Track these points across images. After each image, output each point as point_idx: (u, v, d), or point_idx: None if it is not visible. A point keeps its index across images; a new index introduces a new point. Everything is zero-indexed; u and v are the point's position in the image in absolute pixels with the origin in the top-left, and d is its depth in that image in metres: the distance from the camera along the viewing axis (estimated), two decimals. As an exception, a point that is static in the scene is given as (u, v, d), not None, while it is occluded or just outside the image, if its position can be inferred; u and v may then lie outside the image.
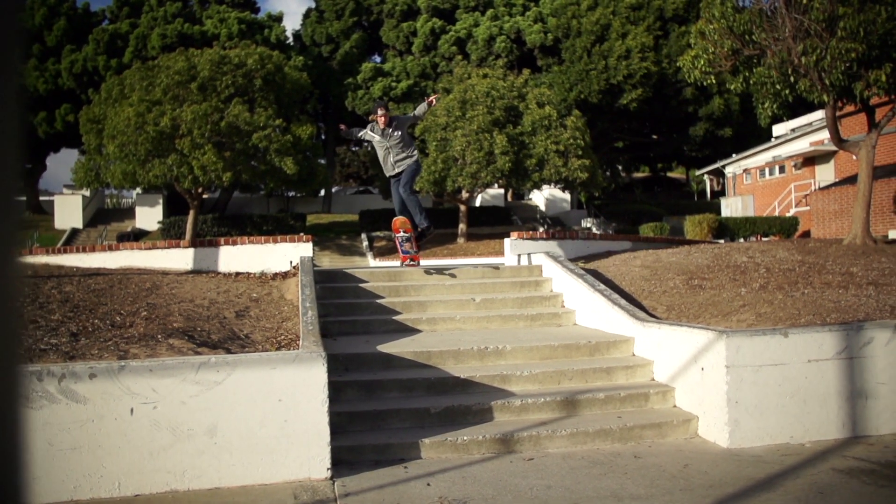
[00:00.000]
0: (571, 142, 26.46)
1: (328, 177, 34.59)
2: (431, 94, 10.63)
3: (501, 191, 40.70)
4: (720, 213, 30.71)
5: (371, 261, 28.96)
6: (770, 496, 4.18)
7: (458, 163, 26.26)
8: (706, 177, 43.58)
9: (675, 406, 5.72)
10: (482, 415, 5.41)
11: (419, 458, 4.92)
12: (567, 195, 40.75)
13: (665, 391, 5.77)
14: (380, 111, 8.23)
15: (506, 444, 5.07)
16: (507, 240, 10.04)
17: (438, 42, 38.04)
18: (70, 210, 37.08)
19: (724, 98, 32.85)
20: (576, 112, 28.52)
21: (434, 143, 26.52)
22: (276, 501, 4.26)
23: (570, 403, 5.56)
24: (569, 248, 10.03)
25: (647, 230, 26.86)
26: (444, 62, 37.39)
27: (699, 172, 42.65)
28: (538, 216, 40.28)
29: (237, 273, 9.27)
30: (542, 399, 5.54)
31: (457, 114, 26.55)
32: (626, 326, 6.64)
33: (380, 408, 5.36)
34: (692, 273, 8.42)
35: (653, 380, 6.07)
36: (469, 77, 28.86)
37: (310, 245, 9.52)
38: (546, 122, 26.70)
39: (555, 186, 31.14)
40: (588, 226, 34.84)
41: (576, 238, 10.38)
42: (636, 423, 5.30)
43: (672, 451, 5.04)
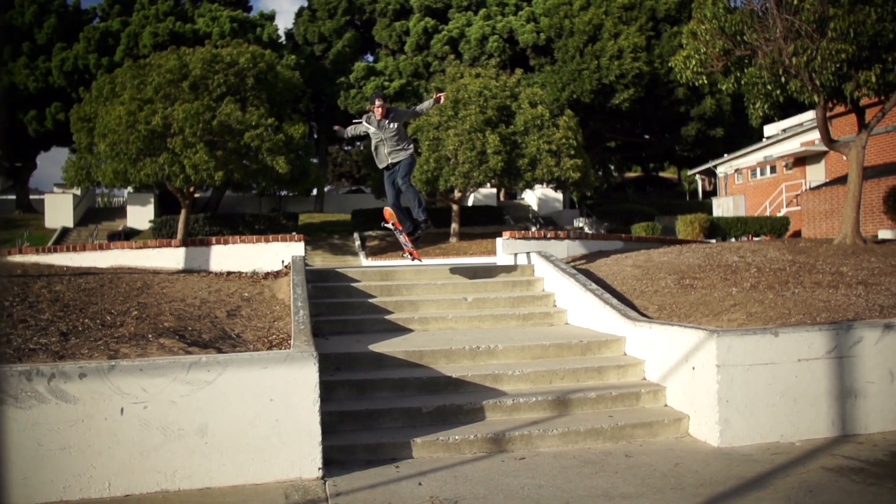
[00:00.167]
0: (564, 141, 26.51)
1: (320, 176, 34.53)
2: (437, 92, 10.27)
3: (494, 190, 40.77)
4: (712, 213, 30.80)
5: (363, 260, 28.94)
6: (760, 495, 4.20)
7: (451, 162, 26.28)
8: (698, 177, 43.73)
9: (667, 405, 5.74)
10: (474, 414, 5.41)
11: (411, 458, 4.92)
12: (559, 195, 40.85)
13: (656, 390, 5.78)
14: (377, 101, 8.01)
15: (497, 444, 5.08)
16: (500, 239, 10.05)
17: (431, 41, 38.04)
18: (60, 209, 36.92)
19: (716, 98, 32.98)
20: (568, 112, 28.59)
21: (426, 143, 26.52)
22: (268, 501, 4.24)
23: (562, 403, 5.57)
24: (561, 248, 10.05)
25: (639, 230, 26.92)
26: (437, 61, 37.39)
27: (691, 172, 42.79)
28: (530, 216, 40.36)
29: (229, 272, 9.25)
30: (534, 398, 5.54)
31: (449, 113, 26.57)
32: (618, 326, 6.65)
33: (371, 407, 5.35)
34: (683, 272, 8.44)
35: (644, 379, 6.09)
36: (462, 76, 28.88)
37: (301, 244, 9.50)
38: (538, 122, 26.75)
39: (547, 186, 31.20)
40: (580, 225, 34.93)
41: (568, 238, 10.39)
42: (627, 423, 5.31)
43: (663, 451, 5.06)
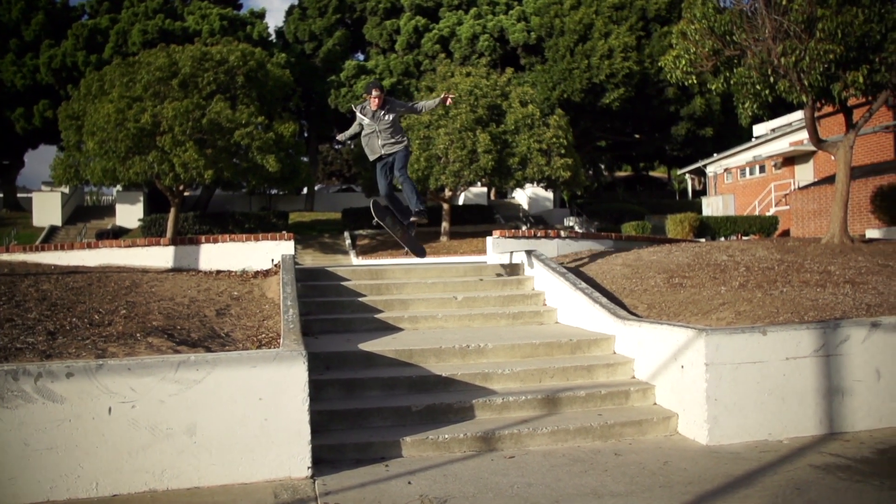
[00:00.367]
0: (554, 140, 26.54)
1: (311, 175, 34.41)
2: (445, 93, 9.62)
3: (484, 189, 40.77)
4: (701, 213, 30.93)
5: (354, 259, 28.88)
6: (748, 492, 4.23)
7: (441, 161, 26.26)
8: (688, 176, 43.90)
9: (656, 404, 5.76)
10: (464, 413, 5.41)
11: (400, 457, 4.92)
12: (550, 194, 40.93)
13: (645, 389, 5.80)
14: (374, 91, 7.65)
15: (487, 442, 5.08)
16: (490, 238, 10.05)
17: (422, 40, 37.98)
18: (49, 207, 36.65)
19: (706, 98, 33.11)
20: (558, 111, 28.62)
21: (417, 142, 26.48)
22: (257, 501, 4.23)
23: (551, 401, 5.58)
24: (551, 247, 10.06)
25: (629, 229, 26.99)
26: (428, 60, 37.34)
27: (681, 172, 42.95)
28: (521, 215, 40.40)
29: (218, 271, 9.22)
30: (524, 397, 5.55)
31: (440, 112, 26.53)
32: (608, 325, 6.67)
33: (361, 406, 5.35)
34: (673, 271, 8.48)
35: (633, 378, 6.11)
36: (452, 75, 28.86)
37: (291, 243, 9.48)
38: (529, 121, 26.77)
39: (538, 185, 31.25)
40: (571, 224, 34.99)
41: (558, 237, 10.41)
42: (617, 421, 5.33)
43: (652, 449, 5.08)
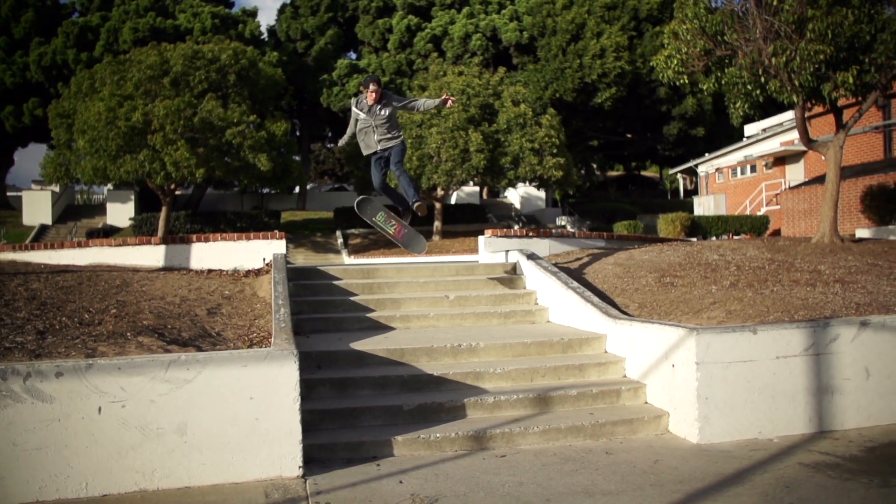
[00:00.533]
0: (546, 140, 26.58)
1: (303, 174, 34.34)
2: (445, 94, 9.19)
3: (477, 188, 40.80)
4: (693, 212, 31.04)
5: (346, 258, 28.85)
6: (738, 490, 4.25)
7: (434, 160, 26.27)
8: (679, 176, 44.06)
9: (647, 402, 5.77)
10: (455, 412, 5.41)
11: (392, 456, 4.92)
12: (542, 193, 40.99)
13: (636, 388, 5.82)
14: (371, 86, 7.39)
15: (478, 441, 5.09)
16: (482, 237, 10.06)
17: (414, 39, 37.97)
18: (39, 206, 36.47)
19: (697, 98, 33.22)
20: (551, 110, 28.67)
21: (409, 140, 26.47)
22: (247, 500, 4.22)
23: (543, 400, 5.59)
24: (543, 246, 10.08)
25: (621, 228, 27.05)
26: (420, 59, 37.33)
27: (672, 171, 43.07)
28: (513, 214, 40.44)
29: (209, 270, 9.19)
30: (515, 396, 5.56)
31: (432, 111, 26.52)
32: (599, 324, 6.69)
33: (352, 405, 5.34)
34: (664, 271, 8.50)
35: (625, 376, 6.12)
36: (445, 74, 28.86)
37: (283, 242, 9.47)
38: (521, 120, 26.80)
39: (530, 184, 31.29)
40: (563, 224, 35.07)
41: (550, 236, 10.43)
42: (608, 420, 5.34)
43: (643, 448, 5.09)
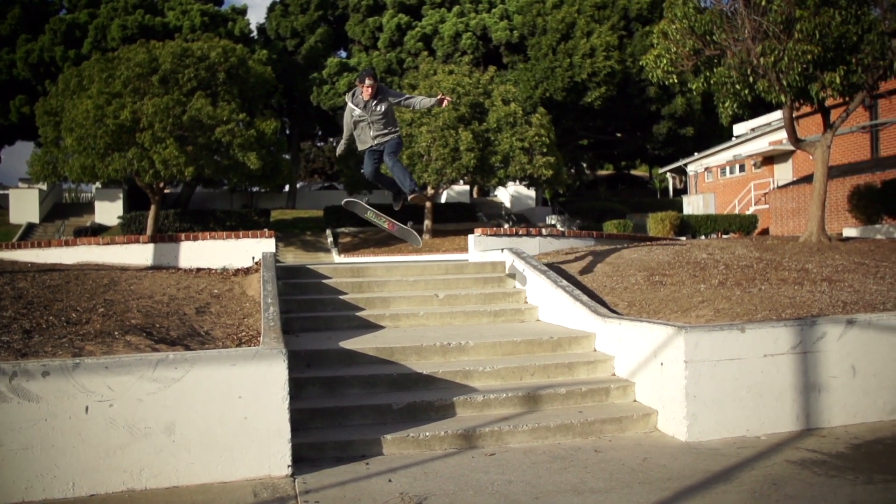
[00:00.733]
0: (536, 139, 26.63)
1: (293, 172, 34.30)
2: (441, 94, 8.75)
3: (467, 187, 40.82)
4: (682, 211, 31.17)
5: (336, 257, 28.80)
6: (726, 488, 4.27)
7: (424, 159, 26.26)
8: (669, 175, 44.20)
9: (636, 401, 5.79)
10: (444, 411, 5.41)
11: (381, 455, 4.91)
12: (532, 192, 41.05)
13: (625, 386, 5.84)
14: (367, 80, 7.09)
15: (468, 440, 5.09)
16: (472, 236, 10.07)
17: (404, 38, 37.94)
18: (26, 204, 36.20)
19: (687, 97, 33.37)
20: (541, 109, 28.72)
21: (399, 139, 26.45)
22: (236, 499, 4.21)
23: (532, 399, 5.60)
24: (532, 245, 10.09)
25: (611, 227, 27.14)
26: (411, 58, 37.30)
27: (662, 170, 43.24)
28: (503, 213, 40.48)
29: (198, 269, 9.15)
30: (505, 394, 5.56)
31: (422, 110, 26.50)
32: (588, 322, 6.70)
33: (342, 404, 5.33)
34: (653, 269, 8.53)
35: (614, 375, 6.14)
36: (435, 73, 28.85)
37: (272, 241, 9.43)
38: (511, 119, 26.83)
39: (520, 183, 31.33)
40: (553, 223, 35.13)
41: (540, 235, 10.44)
42: (597, 418, 5.35)
43: (632, 446, 5.11)
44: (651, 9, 32.79)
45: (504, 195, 43.67)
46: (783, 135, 26.80)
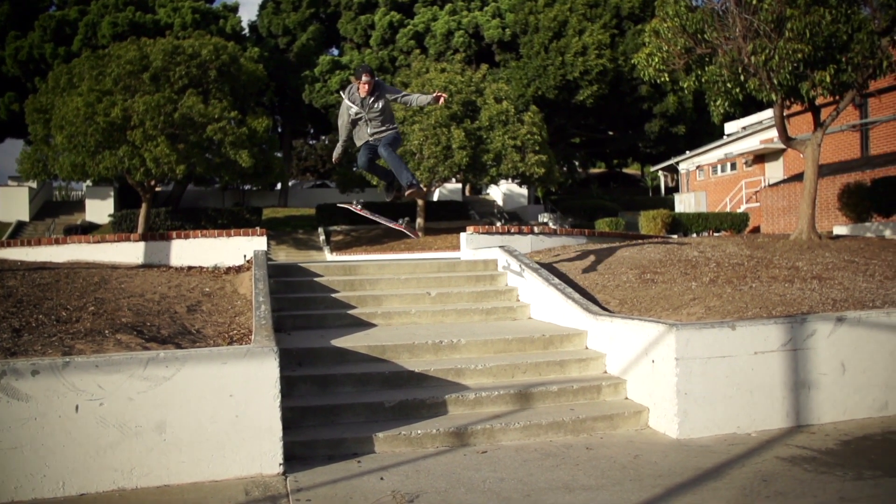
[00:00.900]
0: (529, 137, 26.65)
1: (285, 170, 34.18)
2: (438, 92, 8.55)
3: (459, 185, 40.83)
4: (674, 209, 31.24)
5: (328, 255, 28.75)
6: (716, 485, 4.29)
7: (416, 157, 26.23)
8: (660, 173, 44.27)
9: (627, 398, 5.81)
10: (436, 408, 5.42)
11: (373, 453, 4.91)
12: (524, 190, 41.09)
13: (617, 383, 5.85)
14: (364, 77, 6.90)
15: (459, 438, 5.09)
16: (464, 234, 10.07)
17: (397, 36, 37.89)
18: (16, 202, 36.00)
19: (678, 96, 33.47)
20: (533, 108, 28.73)
21: (392, 137, 26.43)
22: (227, 498, 4.20)
23: (524, 396, 5.61)
24: (524, 243, 10.11)
25: (603, 225, 27.19)
26: (403, 56, 37.26)
27: (654, 169, 43.32)
28: (496, 211, 40.51)
29: (189, 267, 9.11)
30: (496, 392, 5.57)
31: (415, 108, 26.50)
32: (580, 320, 6.72)
33: (333, 402, 5.33)
34: (645, 267, 8.56)
35: (605, 372, 6.16)
36: (427, 71, 28.83)
37: (264, 239, 9.41)
38: (503, 118, 26.84)
39: (512, 181, 31.35)
40: (545, 220, 35.17)
41: (532, 233, 10.45)
42: (588, 416, 5.37)
43: (623, 443, 5.13)
44: (643, 7, 32.85)
45: (496, 193, 43.71)
46: (774, 133, 26.90)
